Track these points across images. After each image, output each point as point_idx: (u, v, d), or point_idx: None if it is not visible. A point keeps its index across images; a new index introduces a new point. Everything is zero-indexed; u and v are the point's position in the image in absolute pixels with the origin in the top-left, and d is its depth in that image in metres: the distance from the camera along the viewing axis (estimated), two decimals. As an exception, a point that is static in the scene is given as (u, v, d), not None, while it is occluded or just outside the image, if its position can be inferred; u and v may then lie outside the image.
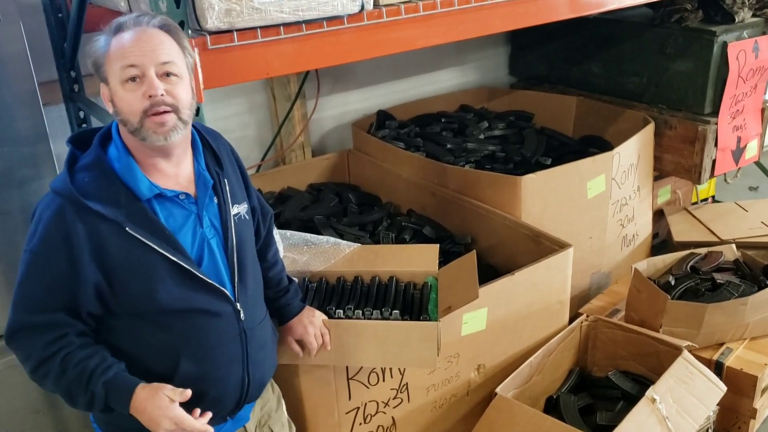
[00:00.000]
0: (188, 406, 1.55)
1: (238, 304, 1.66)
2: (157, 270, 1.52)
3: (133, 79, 1.46)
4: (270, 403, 1.92)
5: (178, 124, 1.50)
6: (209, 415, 1.56)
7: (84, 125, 2.64)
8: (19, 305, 1.52)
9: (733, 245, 3.16)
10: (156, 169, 1.56)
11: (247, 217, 1.73)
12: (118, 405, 1.52)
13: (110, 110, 1.53)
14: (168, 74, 1.48)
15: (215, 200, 1.65)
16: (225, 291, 1.63)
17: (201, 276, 1.57)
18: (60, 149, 2.23)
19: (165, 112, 1.47)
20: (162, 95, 1.46)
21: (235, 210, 1.68)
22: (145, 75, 1.46)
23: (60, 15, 2.49)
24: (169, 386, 1.52)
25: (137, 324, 1.57)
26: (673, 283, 2.85)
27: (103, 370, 1.51)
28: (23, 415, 2.30)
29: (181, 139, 1.55)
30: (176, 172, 1.59)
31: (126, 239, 1.49)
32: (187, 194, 1.59)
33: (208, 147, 1.69)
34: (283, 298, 1.95)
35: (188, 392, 1.52)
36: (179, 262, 1.53)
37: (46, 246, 1.48)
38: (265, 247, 1.91)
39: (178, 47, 1.52)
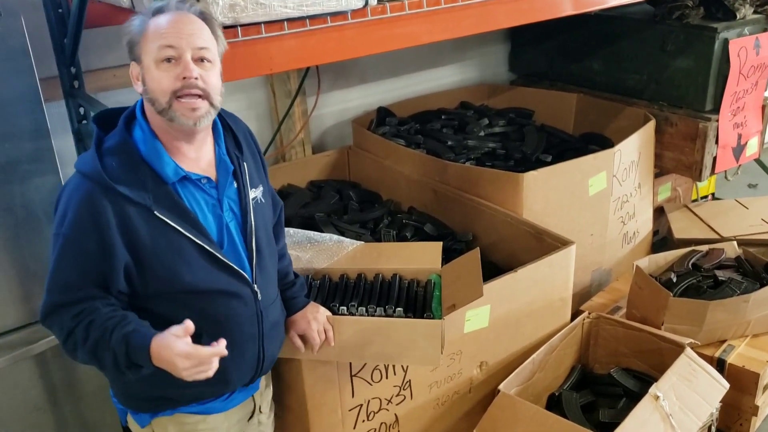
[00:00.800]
0: (213, 383, 1.58)
1: (255, 286, 1.71)
2: (183, 252, 1.56)
3: (168, 59, 1.49)
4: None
5: (210, 110, 1.55)
6: (223, 341, 1.54)
7: (84, 122, 2.62)
8: (53, 287, 1.54)
9: (734, 242, 3.16)
10: (179, 152, 1.59)
11: (263, 200, 1.77)
12: (140, 359, 1.51)
13: (138, 89, 1.56)
14: (202, 59, 1.52)
15: (235, 185, 1.69)
16: (244, 274, 1.68)
17: (223, 259, 1.62)
18: (61, 145, 2.24)
19: (197, 96, 1.51)
20: (195, 78, 1.49)
21: (252, 194, 1.72)
22: (181, 57, 1.49)
23: (60, 10, 2.46)
24: (175, 326, 1.49)
25: (160, 303, 1.61)
26: (674, 280, 2.85)
27: (122, 326, 1.52)
28: (24, 412, 2.29)
29: (208, 123, 1.59)
30: (197, 155, 1.62)
31: (153, 222, 1.53)
32: (208, 178, 1.63)
33: (229, 130, 1.73)
34: (288, 291, 1.96)
35: (189, 323, 1.49)
36: (204, 245, 1.58)
37: (78, 229, 1.50)
38: (274, 238, 1.91)
39: (212, 35, 1.56)
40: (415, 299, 2.17)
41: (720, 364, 2.64)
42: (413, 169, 3.13)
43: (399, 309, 2.09)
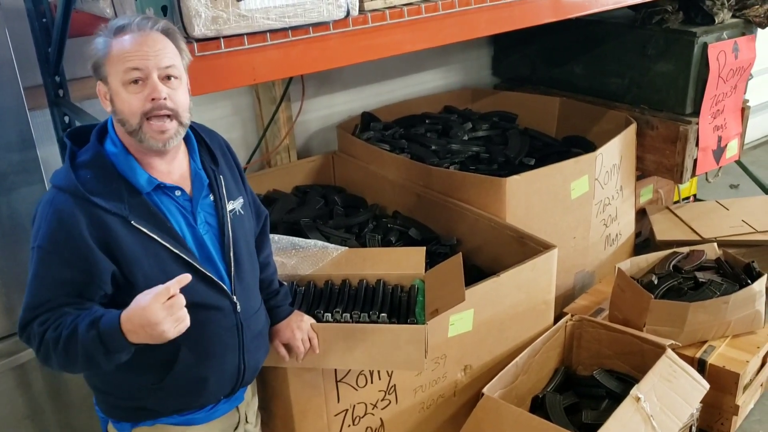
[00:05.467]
0: (192, 394, 1.68)
1: (234, 297, 1.71)
2: (163, 262, 1.56)
3: (135, 81, 1.50)
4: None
5: (179, 130, 1.56)
6: (188, 277, 1.46)
7: (69, 130, 2.63)
8: (30, 301, 1.53)
9: (715, 244, 3.20)
10: (150, 166, 1.60)
11: (242, 212, 1.77)
12: (114, 340, 1.43)
13: (107, 108, 1.56)
14: (169, 77, 1.53)
15: (211, 197, 1.69)
16: (223, 285, 1.68)
17: (201, 269, 1.62)
18: (46, 154, 2.24)
19: (166, 116, 1.52)
20: (164, 99, 1.50)
21: (230, 206, 1.72)
22: (148, 78, 1.50)
23: (44, 20, 2.47)
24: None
25: None
26: (656, 282, 2.88)
27: (89, 315, 1.48)
28: (13, 421, 2.30)
29: (177, 143, 1.60)
30: (168, 169, 1.63)
31: (132, 232, 1.53)
32: (182, 190, 1.64)
33: (204, 144, 1.74)
34: (272, 300, 1.97)
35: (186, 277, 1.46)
36: (181, 254, 1.58)
37: (53, 241, 1.50)
38: (257, 247, 1.93)
39: (176, 49, 1.57)
40: (399, 304, 2.20)
41: (701, 365, 2.68)
42: (398, 173, 3.16)
43: (383, 314, 2.11)
